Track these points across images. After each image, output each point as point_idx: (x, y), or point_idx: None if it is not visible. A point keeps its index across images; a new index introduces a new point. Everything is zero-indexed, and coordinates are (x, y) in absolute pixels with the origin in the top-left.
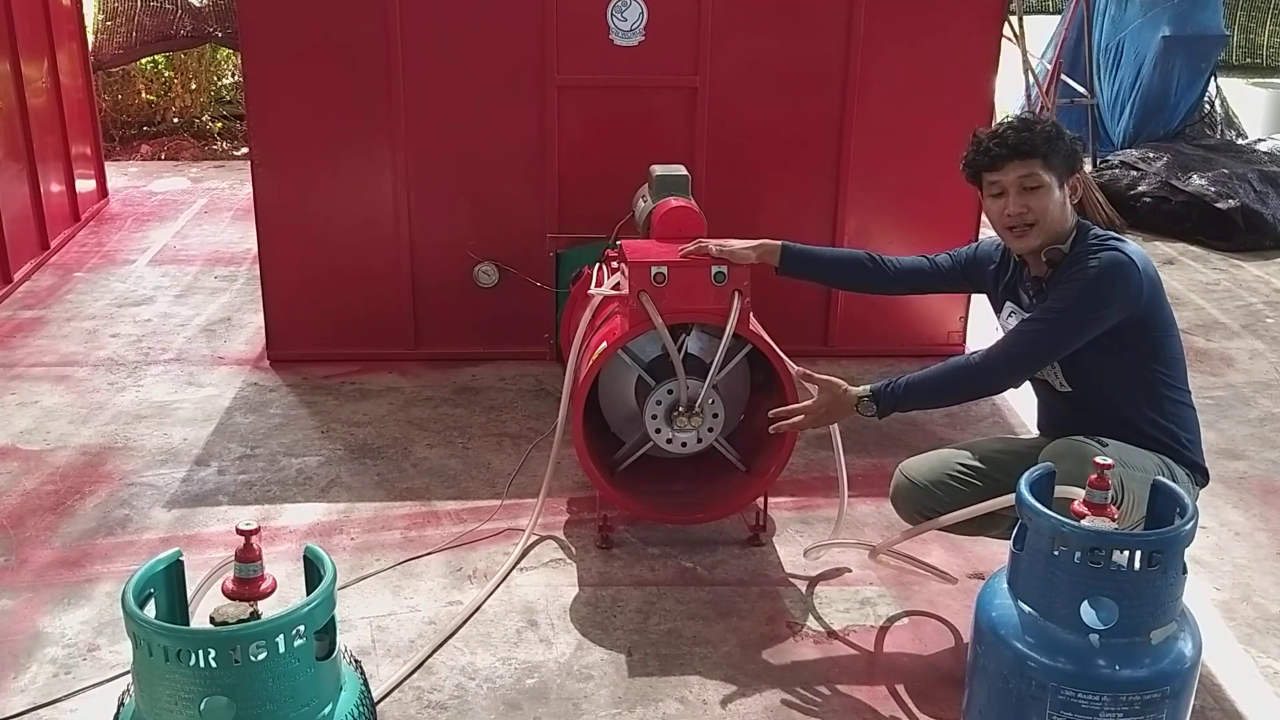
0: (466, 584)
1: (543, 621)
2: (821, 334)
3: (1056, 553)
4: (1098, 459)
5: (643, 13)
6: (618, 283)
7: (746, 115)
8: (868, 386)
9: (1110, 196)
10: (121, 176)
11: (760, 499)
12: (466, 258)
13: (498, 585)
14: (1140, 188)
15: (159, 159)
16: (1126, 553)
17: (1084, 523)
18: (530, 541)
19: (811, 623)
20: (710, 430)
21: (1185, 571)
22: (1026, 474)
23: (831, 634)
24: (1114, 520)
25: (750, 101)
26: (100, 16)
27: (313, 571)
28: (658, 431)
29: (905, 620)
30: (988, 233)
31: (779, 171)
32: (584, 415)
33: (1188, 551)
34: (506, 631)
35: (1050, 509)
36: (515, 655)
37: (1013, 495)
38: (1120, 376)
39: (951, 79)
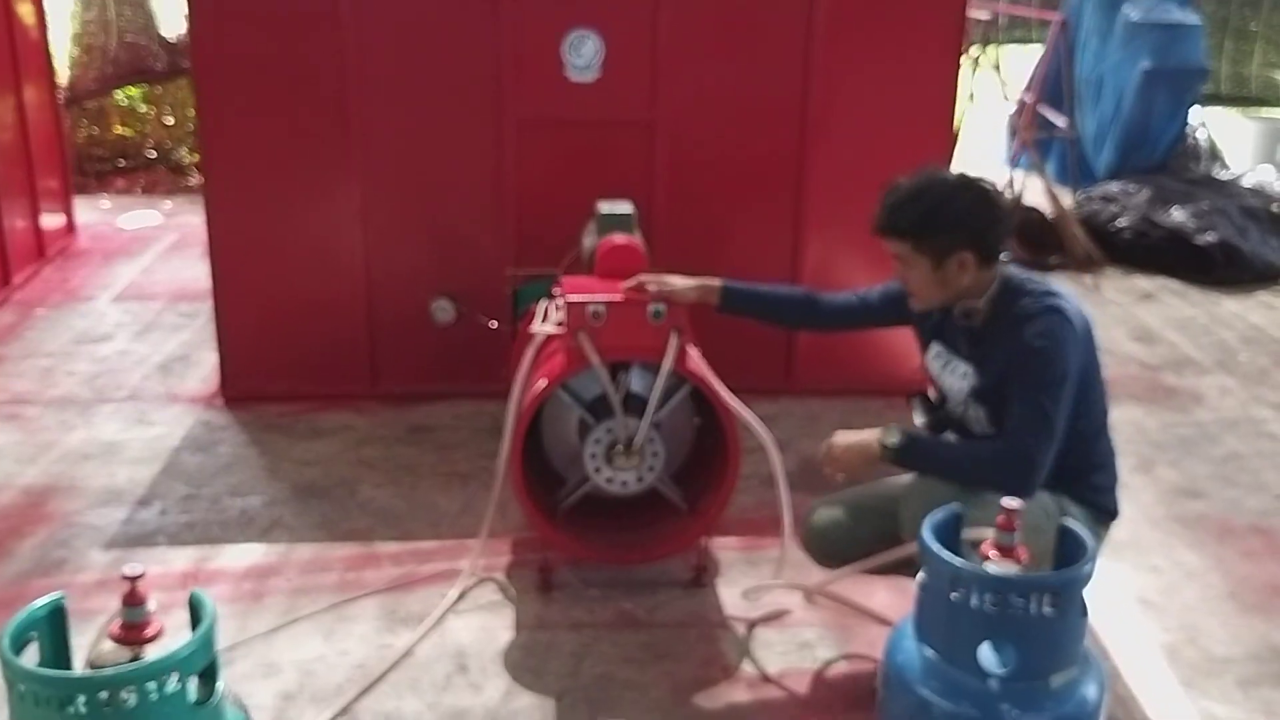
0: (400, 627)
1: (474, 666)
2: (784, 371)
3: (954, 596)
4: (1005, 502)
5: (598, 49)
6: (560, 320)
7: (705, 149)
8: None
9: (1091, 230)
10: (93, 211)
11: (703, 539)
12: (424, 294)
13: (430, 629)
14: (1120, 222)
15: (134, 193)
16: (1022, 597)
17: (987, 565)
18: (469, 583)
19: (747, 666)
20: (651, 470)
21: (1085, 614)
22: (929, 516)
23: (765, 678)
24: (1021, 562)
25: (708, 136)
26: (75, 52)
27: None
28: (597, 471)
29: (843, 663)
30: None
31: (738, 205)
32: (531, 455)
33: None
34: (435, 676)
35: (958, 551)
36: (442, 700)
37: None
38: None
39: (911, 112)
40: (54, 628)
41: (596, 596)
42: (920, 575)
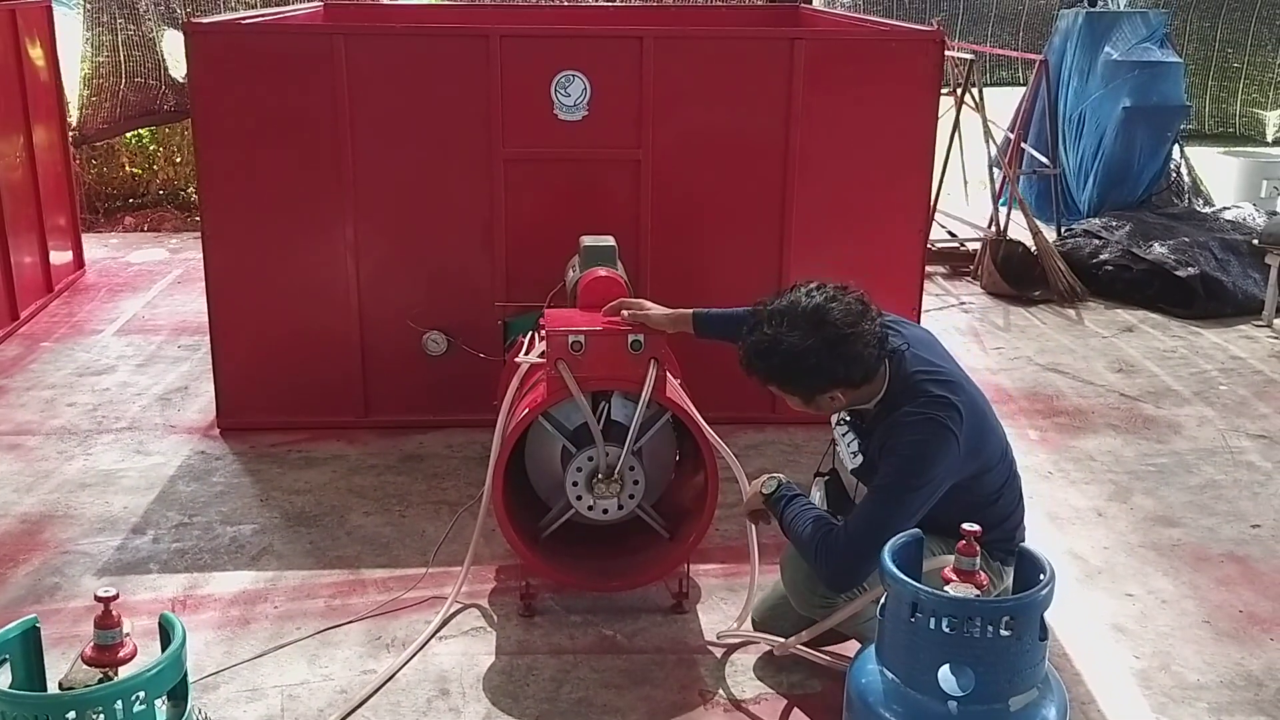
0: (384, 653)
1: (455, 691)
2: (769, 401)
3: (913, 619)
4: (965, 526)
5: (586, 88)
6: (543, 351)
7: (690, 186)
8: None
9: (1073, 265)
10: (102, 248)
11: (684, 566)
12: (415, 327)
13: (414, 654)
14: (1102, 256)
15: (142, 230)
16: (979, 620)
17: (947, 589)
18: (453, 610)
19: (724, 691)
20: (631, 497)
21: (1045, 638)
22: (890, 541)
23: (738, 704)
24: (981, 588)
25: (693, 173)
26: (86, 93)
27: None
28: (579, 499)
29: (818, 687)
30: (931, 301)
31: (724, 240)
32: (517, 483)
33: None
34: (417, 701)
35: (919, 578)
36: None
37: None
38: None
39: (891, 148)
40: (27, 650)
41: (578, 622)
42: (882, 600)
